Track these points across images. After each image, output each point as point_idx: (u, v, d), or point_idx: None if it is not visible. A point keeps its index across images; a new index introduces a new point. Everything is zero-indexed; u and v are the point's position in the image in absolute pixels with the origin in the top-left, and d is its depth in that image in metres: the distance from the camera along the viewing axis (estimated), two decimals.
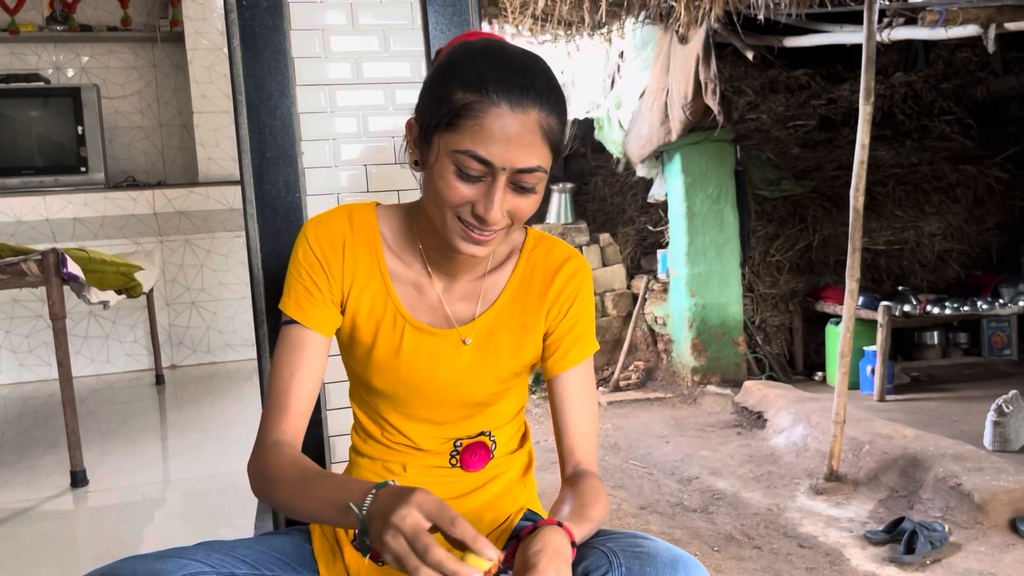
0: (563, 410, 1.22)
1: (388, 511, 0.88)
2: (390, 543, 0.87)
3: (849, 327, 3.72)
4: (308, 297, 1.16)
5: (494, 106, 1.00)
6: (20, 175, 4.21)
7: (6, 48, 4.43)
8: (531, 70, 1.04)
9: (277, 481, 1.07)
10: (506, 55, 1.05)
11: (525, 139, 1.02)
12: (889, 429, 3.98)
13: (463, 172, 1.03)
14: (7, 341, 4.19)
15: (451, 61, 1.08)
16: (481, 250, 1.09)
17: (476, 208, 1.05)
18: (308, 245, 1.16)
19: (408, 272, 1.20)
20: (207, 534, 1.94)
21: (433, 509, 0.88)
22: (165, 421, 3.37)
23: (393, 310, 1.18)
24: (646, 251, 6.64)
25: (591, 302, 1.26)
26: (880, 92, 6.50)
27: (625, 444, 4.78)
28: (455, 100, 1.02)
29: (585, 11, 4.93)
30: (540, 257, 1.23)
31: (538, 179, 1.06)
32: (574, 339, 1.22)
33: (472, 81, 1.02)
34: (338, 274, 1.17)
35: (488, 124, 1.00)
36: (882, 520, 3.36)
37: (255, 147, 1.48)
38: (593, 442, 1.22)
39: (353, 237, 1.18)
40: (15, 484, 2.41)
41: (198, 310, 4.37)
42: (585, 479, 1.16)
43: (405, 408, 1.22)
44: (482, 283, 1.21)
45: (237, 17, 1.46)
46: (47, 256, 2.16)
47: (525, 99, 1.01)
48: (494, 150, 1.01)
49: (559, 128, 1.07)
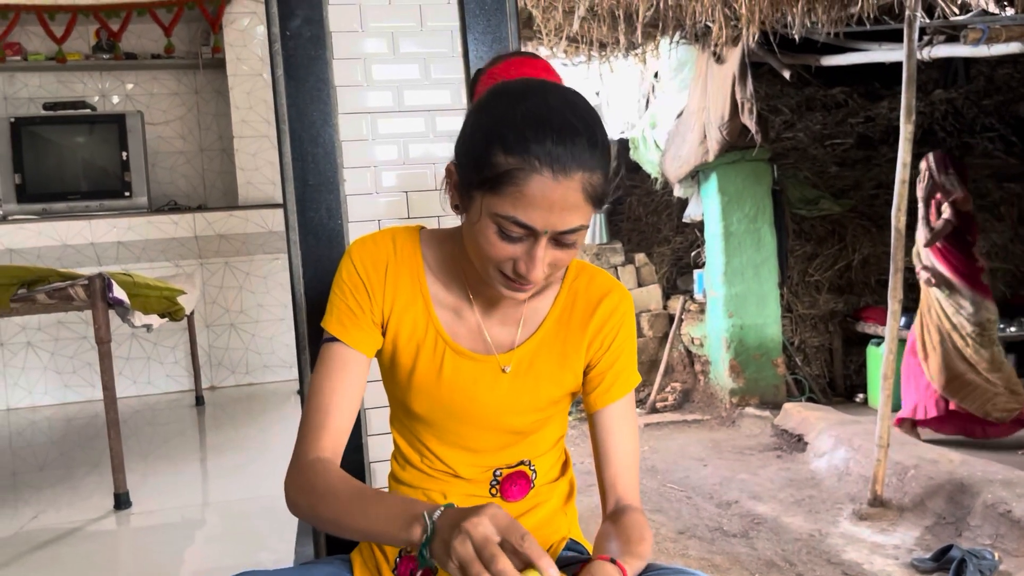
0: (606, 444, 1.21)
1: (460, 519, 0.89)
2: (457, 548, 0.87)
3: (892, 348, 3.66)
4: (351, 316, 1.16)
5: (537, 173, 0.98)
6: (66, 200, 4.31)
7: (54, 76, 4.55)
8: (574, 129, 0.99)
9: (328, 496, 1.05)
10: (548, 112, 1.00)
11: (568, 203, 1.00)
12: (935, 453, 3.90)
13: (505, 233, 1.02)
14: (52, 363, 4.26)
15: (491, 114, 1.04)
16: (523, 295, 1.10)
17: (518, 266, 1.04)
18: (352, 265, 1.17)
19: (449, 297, 1.20)
20: (246, 558, 1.95)
21: (504, 523, 0.89)
22: (204, 442, 3.40)
23: (434, 334, 1.18)
24: (682, 271, 6.60)
25: (634, 335, 1.25)
26: (920, 109, 6.41)
27: (663, 467, 4.73)
28: (496, 164, 1.00)
29: (620, 32, 4.94)
30: (582, 287, 1.23)
31: (579, 235, 1.05)
32: (616, 374, 1.21)
33: (513, 147, 0.98)
34: (380, 295, 1.17)
35: (530, 192, 0.98)
36: (929, 547, 3.28)
37: (298, 175, 1.49)
38: (635, 476, 1.21)
39: (396, 260, 1.18)
40: (60, 505, 2.44)
41: (237, 331, 4.42)
42: (629, 514, 1.15)
43: (444, 434, 1.21)
44: (522, 309, 1.21)
45: (281, 48, 1.48)
46: (94, 281, 2.20)
47: (569, 165, 0.98)
48: (536, 216, 0.99)
49: (602, 182, 1.04)
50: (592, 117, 1.03)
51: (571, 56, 5.58)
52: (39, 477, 2.85)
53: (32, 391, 4.25)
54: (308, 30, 1.50)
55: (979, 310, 4.39)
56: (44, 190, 4.29)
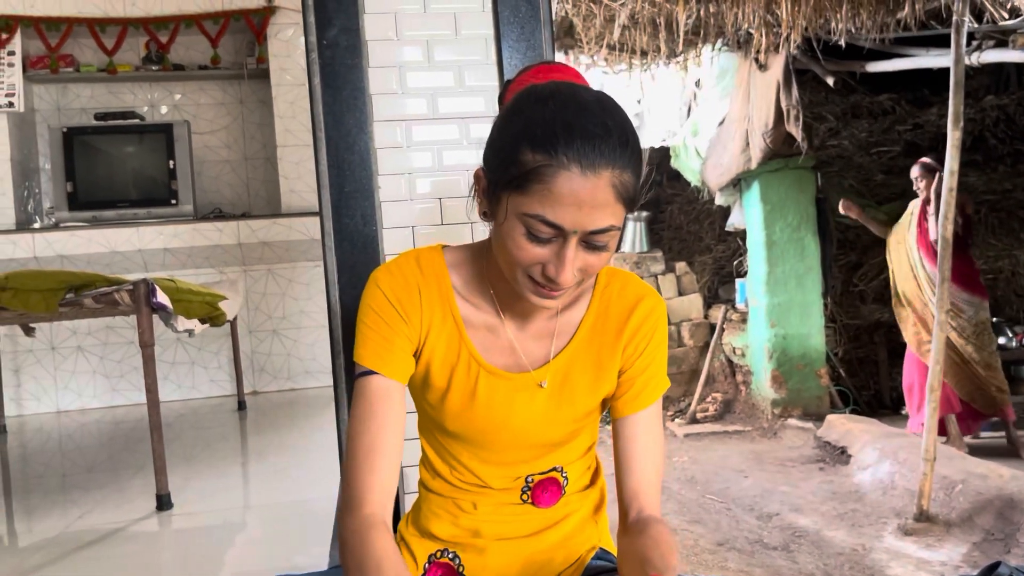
0: (629, 452, 1.17)
1: None
2: None
3: (939, 360, 3.58)
4: (386, 346, 1.12)
5: (564, 170, 0.96)
6: (116, 207, 4.41)
7: (104, 87, 4.67)
8: (603, 127, 0.98)
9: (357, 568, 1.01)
10: (577, 110, 0.99)
11: (597, 201, 0.98)
12: (983, 468, 3.80)
13: (533, 235, 1.00)
14: (101, 366, 4.37)
15: (519, 114, 1.03)
16: (553, 303, 1.07)
17: (547, 269, 1.02)
18: (383, 294, 1.14)
19: (480, 316, 1.18)
20: (284, 561, 1.98)
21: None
22: (246, 446, 3.45)
23: (468, 355, 1.16)
24: (724, 280, 6.53)
25: (665, 342, 1.22)
26: (970, 116, 6.28)
27: (702, 478, 4.68)
28: (524, 162, 0.98)
29: (661, 40, 4.91)
30: (614, 294, 1.20)
31: (611, 237, 1.02)
32: (647, 380, 1.19)
33: (541, 143, 0.97)
34: (416, 321, 1.14)
35: (558, 189, 0.96)
36: (976, 564, 3.19)
37: (334, 181, 1.51)
38: (658, 486, 1.18)
39: (425, 283, 1.16)
40: (106, 506, 2.49)
41: (279, 338, 4.48)
42: (655, 526, 1.11)
43: (479, 451, 1.20)
44: (555, 322, 1.19)
45: (318, 56, 1.50)
46: (138, 286, 2.25)
47: (597, 161, 0.96)
48: (564, 214, 0.97)
49: (633, 182, 1.01)
50: (623, 118, 1.02)
51: (612, 64, 5.57)
52: (87, 478, 2.92)
53: (82, 394, 4.35)
54: (345, 39, 1.52)
55: (977, 311, 4.52)
56: (94, 198, 4.40)
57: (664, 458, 1.22)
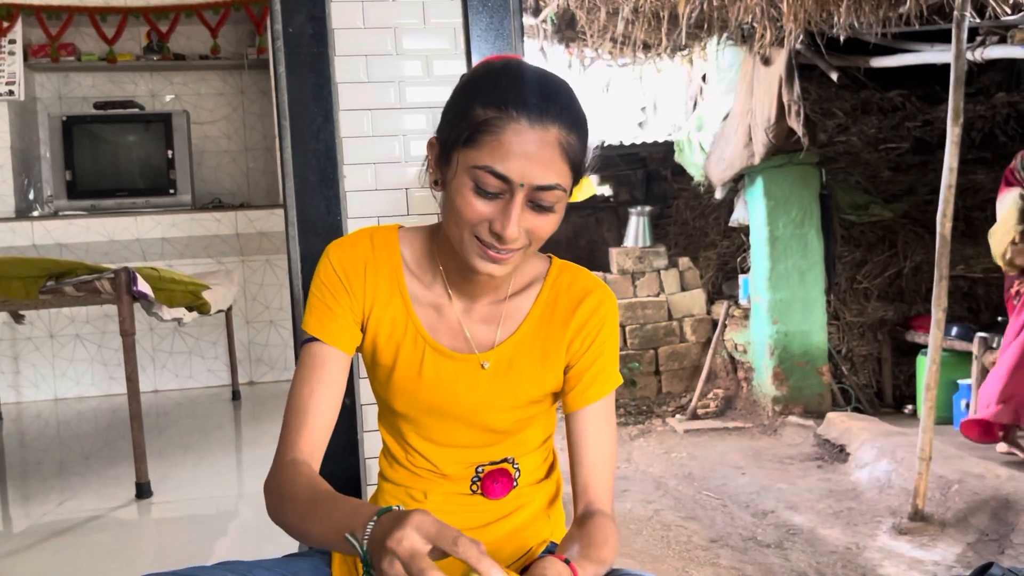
0: (580, 447, 1.18)
1: (385, 536, 0.84)
2: (386, 570, 0.83)
3: (935, 359, 3.54)
4: (329, 314, 1.16)
5: (513, 122, 1.00)
6: (114, 196, 4.43)
7: (105, 76, 4.69)
8: (552, 87, 1.04)
9: (290, 501, 1.04)
10: (527, 72, 1.05)
11: (544, 156, 1.00)
12: (981, 468, 3.76)
13: (481, 188, 1.02)
14: (99, 355, 4.39)
15: (472, 79, 1.08)
16: (498, 269, 1.07)
17: (494, 225, 1.03)
18: (331, 266, 1.17)
19: (428, 294, 1.19)
20: (257, 550, 1.97)
21: (432, 530, 0.84)
22: (240, 436, 3.46)
23: (414, 332, 1.18)
24: (728, 276, 6.49)
25: (615, 336, 1.22)
26: (981, 113, 6.20)
27: (700, 474, 4.65)
28: (475, 116, 1.02)
29: (664, 34, 4.88)
30: (564, 286, 1.21)
31: (557, 198, 1.04)
32: (595, 374, 1.19)
33: (492, 97, 1.01)
34: (360, 293, 1.17)
35: (507, 140, 1.00)
36: (970, 564, 3.16)
37: (298, 171, 1.50)
38: (609, 481, 1.18)
39: (375, 259, 1.18)
40: (87, 493, 2.51)
41: (276, 328, 4.49)
42: (596, 519, 1.12)
43: (427, 431, 1.21)
44: (503, 307, 1.19)
45: (283, 44, 1.49)
46: (119, 275, 2.25)
47: (545, 115, 1.00)
48: (512, 166, 1.00)
49: (580, 147, 1.05)
50: (571, 90, 1.07)
51: (616, 57, 5.54)
52: (83, 466, 2.94)
53: (79, 382, 4.38)
54: (311, 27, 1.51)
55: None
56: (93, 187, 4.42)
57: (615, 453, 1.21)
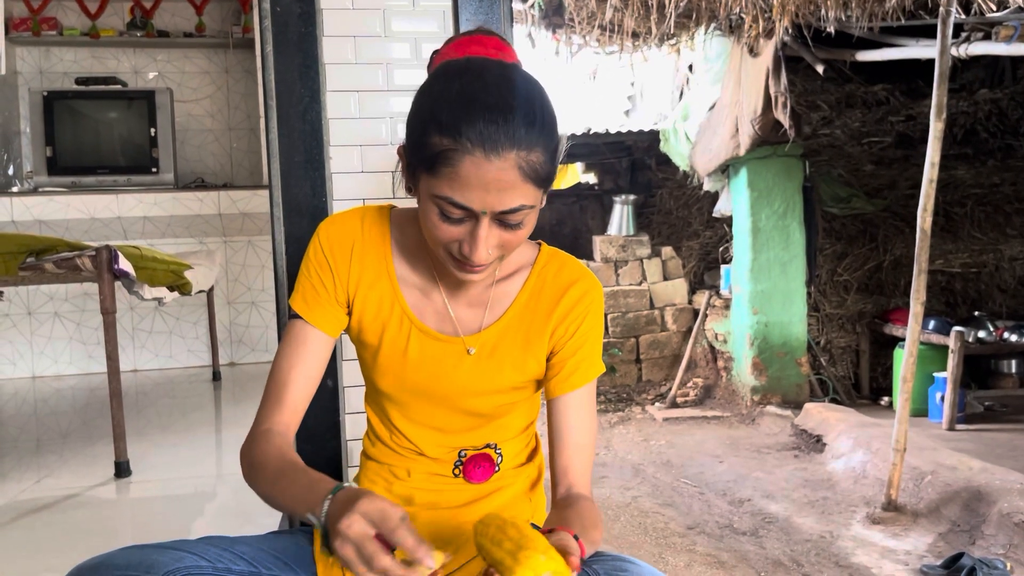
0: (561, 432, 1.19)
1: (336, 519, 0.89)
2: (339, 550, 0.88)
3: (912, 352, 3.59)
4: (314, 295, 1.17)
5: (468, 154, 0.97)
6: (96, 174, 4.38)
7: (88, 51, 4.62)
8: (507, 106, 0.98)
9: (261, 470, 1.08)
10: (482, 90, 0.99)
11: (504, 183, 0.98)
12: (954, 460, 3.81)
13: (445, 215, 1.02)
14: (78, 333, 4.35)
15: (428, 95, 1.04)
16: (476, 278, 1.09)
17: (462, 248, 1.04)
18: (319, 244, 1.19)
19: (416, 277, 1.20)
20: (237, 530, 1.97)
21: (377, 516, 0.88)
22: (220, 416, 3.45)
23: (400, 312, 1.19)
24: (710, 266, 6.53)
25: (599, 324, 1.23)
26: (963, 109, 6.26)
27: (678, 462, 4.69)
28: (432, 145, 0.99)
29: (652, 22, 4.88)
30: (551, 274, 1.22)
31: (523, 215, 1.03)
32: (578, 362, 1.20)
33: (447, 125, 0.98)
34: (344, 274, 1.18)
35: (464, 172, 0.97)
36: (941, 554, 3.21)
37: (284, 151, 1.50)
38: (588, 466, 1.20)
39: (363, 239, 1.19)
40: (66, 472, 2.49)
41: (258, 310, 4.47)
42: (582, 502, 1.14)
43: (411, 412, 1.22)
44: (490, 292, 1.20)
45: (271, 23, 1.48)
46: (100, 252, 2.24)
47: (500, 144, 0.97)
48: (472, 196, 0.99)
49: (544, 159, 1.01)
50: (531, 93, 1.02)
51: (604, 45, 5.52)
52: (61, 444, 2.92)
53: (57, 360, 4.34)
54: (299, 7, 1.50)
55: None
56: (74, 163, 4.37)
57: (595, 439, 1.23)
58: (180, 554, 1.04)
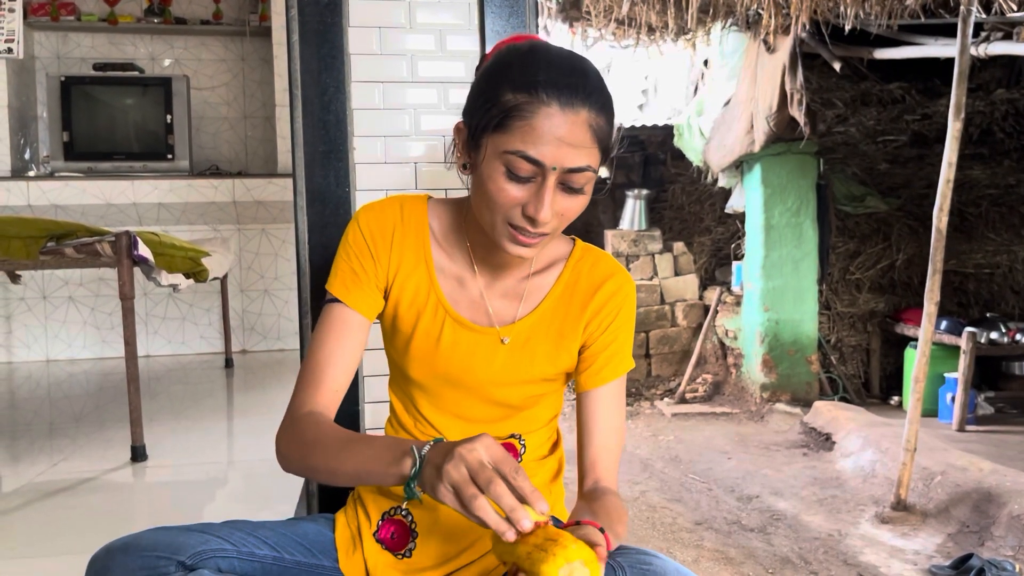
0: (590, 425, 1.20)
1: (454, 445, 0.90)
2: (451, 471, 0.88)
3: (925, 352, 3.58)
4: (354, 279, 1.18)
5: (544, 106, 1.00)
6: (112, 159, 4.39)
7: (105, 38, 4.63)
8: (580, 70, 1.04)
9: (318, 445, 1.07)
10: (554, 55, 1.05)
11: (575, 139, 1.01)
12: (964, 460, 3.81)
13: (513, 173, 1.03)
14: (92, 318, 4.38)
15: (499, 63, 1.08)
16: (528, 252, 1.10)
17: (527, 209, 1.04)
18: (359, 229, 1.19)
19: (453, 266, 1.21)
20: (250, 514, 1.99)
21: (499, 454, 0.89)
22: (232, 403, 3.46)
23: (435, 301, 1.19)
24: (721, 262, 6.52)
25: (631, 320, 1.24)
26: (980, 109, 6.22)
27: (686, 458, 4.70)
28: (505, 101, 1.02)
29: (670, 16, 4.86)
30: (585, 268, 1.23)
31: (587, 179, 1.05)
32: (610, 356, 1.21)
33: (521, 82, 1.01)
34: (385, 260, 1.19)
35: (538, 124, 1.00)
36: (950, 555, 3.21)
37: (308, 141, 1.50)
38: (616, 461, 1.21)
39: (403, 227, 1.20)
40: (81, 455, 2.51)
41: (271, 298, 4.48)
42: (609, 496, 1.14)
43: (439, 400, 1.23)
44: (525, 284, 1.21)
45: (297, 13, 1.49)
46: (120, 238, 2.24)
47: (575, 98, 1.01)
48: (544, 150, 1.00)
49: (608, 128, 1.06)
50: (597, 72, 1.07)
51: (620, 39, 5.51)
52: (75, 428, 2.94)
53: (72, 344, 4.37)
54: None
55: None
56: (91, 149, 4.38)
57: (623, 434, 1.24)
58: (206, 537, 1.05)
